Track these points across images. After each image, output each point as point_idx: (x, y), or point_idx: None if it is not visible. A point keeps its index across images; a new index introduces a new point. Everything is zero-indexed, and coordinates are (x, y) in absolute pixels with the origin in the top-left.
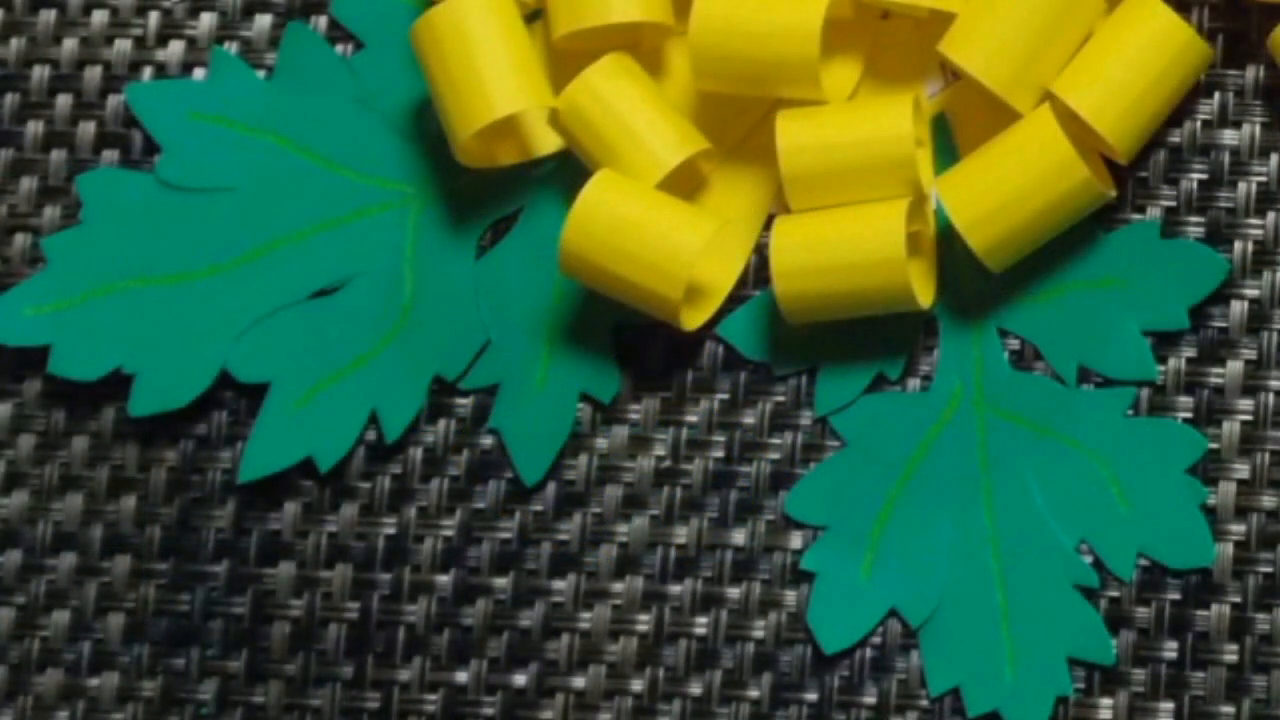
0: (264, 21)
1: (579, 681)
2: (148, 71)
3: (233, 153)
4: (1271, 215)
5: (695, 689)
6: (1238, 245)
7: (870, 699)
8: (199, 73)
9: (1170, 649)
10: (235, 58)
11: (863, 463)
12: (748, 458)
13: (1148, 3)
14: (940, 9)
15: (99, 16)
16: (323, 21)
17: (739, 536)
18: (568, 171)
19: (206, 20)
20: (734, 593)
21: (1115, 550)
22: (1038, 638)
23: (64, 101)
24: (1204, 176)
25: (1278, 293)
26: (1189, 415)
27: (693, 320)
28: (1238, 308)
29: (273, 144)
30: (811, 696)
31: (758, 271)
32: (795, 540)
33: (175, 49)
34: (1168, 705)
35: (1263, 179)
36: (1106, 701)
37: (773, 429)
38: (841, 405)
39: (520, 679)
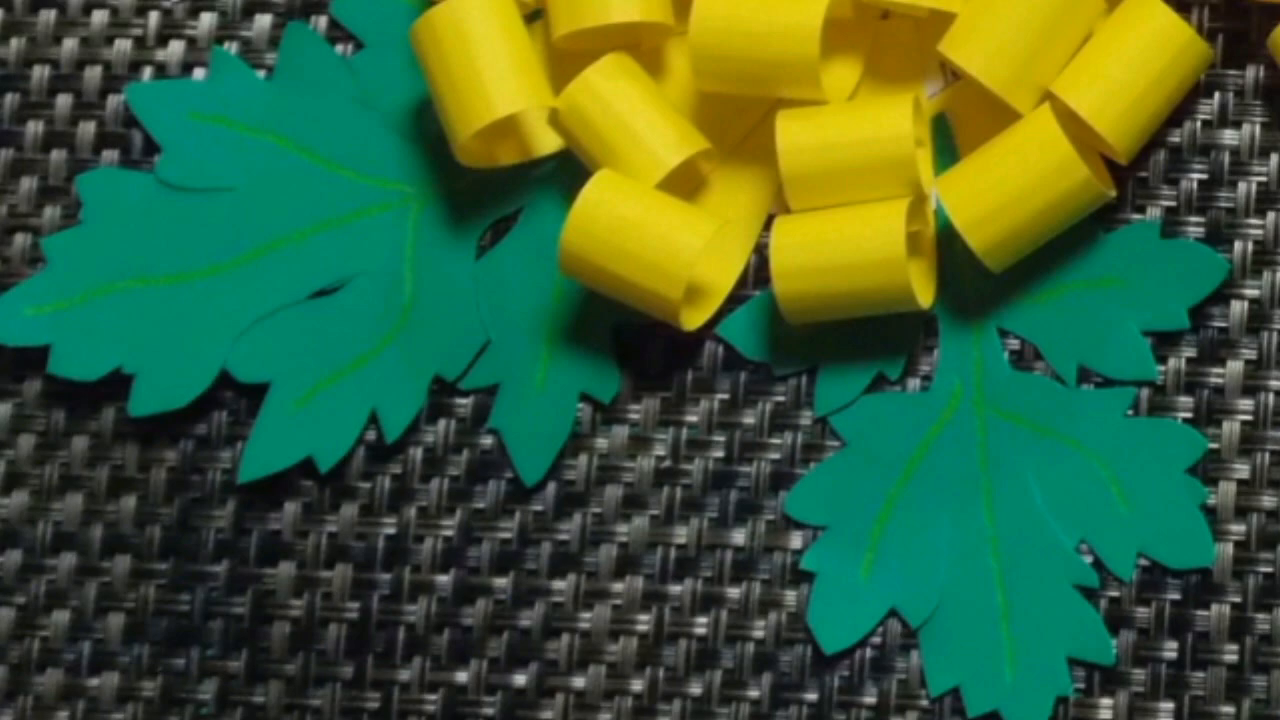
0: (264, 21)
1: (579, 681)
2: (148, 71)
3: (233, 153)
4: (1271, 215)
5: (695, 689)
6: (1238, 245)
7: (870, 699)
8: (199, 73)
9: (1170, 649)
10: (235, 58)
11: (863, 463)
12: (748, 458)
13: (1148, 3)
14: (940, 9)
15: (99, 16)
16: (323, 21)
17: (739, 536)
18: (568, 171)
19: (206, 20)
20: (734, 593)
21: (1115, 550)
22: (1038, 638)
23: (64, 101)
24: (1204, 176)
25: (1278, 293)
26: (1189, 415)
27: (693, 320)
28: (1238, 308)
29: (273, 144)
30: (811, 696)
31: (758, 271)
32: (795, 540)
33: (175, 49)
34: (1168, 705)
35: (1263, 179)
36: (1106, 701)
37: (773, 429)
38: (841, 405)
39: (520, 679)
